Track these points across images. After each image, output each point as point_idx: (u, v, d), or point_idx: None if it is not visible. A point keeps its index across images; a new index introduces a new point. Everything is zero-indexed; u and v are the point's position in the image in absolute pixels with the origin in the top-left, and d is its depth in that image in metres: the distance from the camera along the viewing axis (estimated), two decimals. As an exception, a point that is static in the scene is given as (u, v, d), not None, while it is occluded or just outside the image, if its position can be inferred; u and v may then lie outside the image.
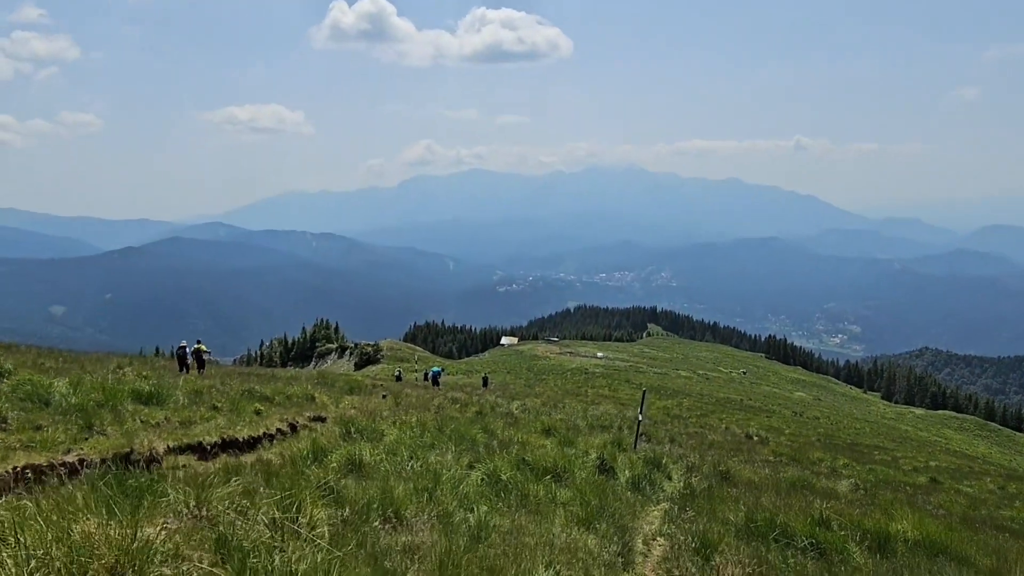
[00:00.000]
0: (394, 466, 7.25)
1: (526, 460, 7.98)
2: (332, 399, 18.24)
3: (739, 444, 26.87)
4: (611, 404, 38.99)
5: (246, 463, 8.25)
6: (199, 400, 11.69)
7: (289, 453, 7.88)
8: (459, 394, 25.92)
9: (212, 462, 8.44)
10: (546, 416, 20.88)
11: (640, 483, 8.68)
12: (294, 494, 4.76)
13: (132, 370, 18.35)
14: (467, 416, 18.33)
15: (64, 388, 9.21)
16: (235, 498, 4.68)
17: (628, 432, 21.05)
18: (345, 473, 7.01)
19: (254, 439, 9.65)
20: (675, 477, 10.65)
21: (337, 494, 5.63)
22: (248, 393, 15.01)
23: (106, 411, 8.89)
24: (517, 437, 11.67)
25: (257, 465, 7.04)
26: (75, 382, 9.58)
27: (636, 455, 11.27)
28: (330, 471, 6.95)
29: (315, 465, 7.19)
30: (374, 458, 7.43)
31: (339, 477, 6.91)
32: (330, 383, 22.58)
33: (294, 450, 7.95)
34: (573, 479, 7.83)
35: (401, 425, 10.96)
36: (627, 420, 26.37)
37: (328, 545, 3.99)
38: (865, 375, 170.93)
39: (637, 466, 9.82)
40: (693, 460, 12.05)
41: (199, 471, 7.19)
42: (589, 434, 16.08)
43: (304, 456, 7.42)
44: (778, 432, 40.18)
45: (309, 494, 5.02)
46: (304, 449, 7.63)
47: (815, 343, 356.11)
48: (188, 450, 8.33)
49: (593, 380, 79.28)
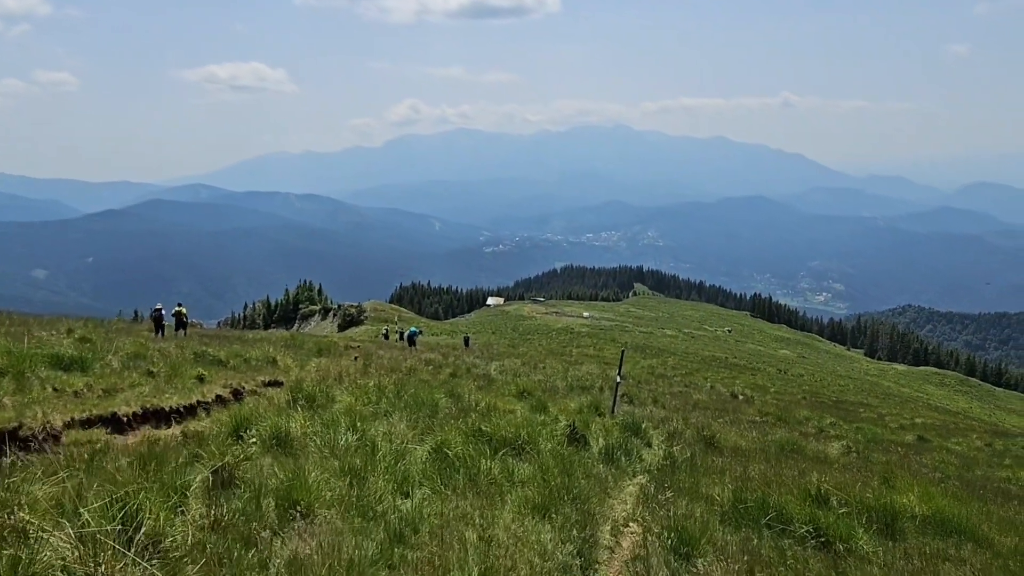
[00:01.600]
0: (327, 440, 6.25)
1: (483, 430, 7.00)
2: (297, 362, 17.21)
3: (725, 404, 26.21)
4: (595, 364, 38.26)
5: (163, 437, 7.24)
6: (133, 365, 10.61)
7: (214, 425, 6.87)
8: (435, 355, 24.98)
9: (128, 436, 7.41)
10: (524, 378, 20.00)
11: (615, 453, 7.75)
12: (145, 495, 3.71)
13: (77, 333, 17.23)
14: (439, 379, 17.38)
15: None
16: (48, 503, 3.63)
17: (609, 393, 20.23)
18: (268, 449, 6.02)
19: (186, 408, 8.61)
20: (655, 444, 9.76)
21: (230, 483, 4.63)
22: (199, 357, 13.96)
23: (8, 379, 7.81)
24: (485, 402, 10.71)
25: (144, 444, 6.01)
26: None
27: (613, 420, 10.35)
28: (249, 447, 5.95)
29: (234, 440, 6.18)
30: (306, 430, 6.43)
31: (260, 454, 5.90)
32: (299, 345, 21.55)
33: (223, 419, 6.93)
34: (537, 452, 6.88)
35: (355, 390, 9.95)
36: (609, 381, 25.59)
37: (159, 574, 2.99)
38: (849, 332, 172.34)
39: (613, 433, 8.90)
40: (676, 424, 11.18)
41: (96, 449, 6.17)
42: (567, 396, 15.18)
43: (225, 430, 6.40)
44: (764, 391, 39.73)
45: (178, 489, 4.01)
46: (227, 421, 6.62)
47: (800, 301, 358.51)
48: (100, 423, 7.29)
49: (578, 340, 78.80)
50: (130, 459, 4.81)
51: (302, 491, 4.49)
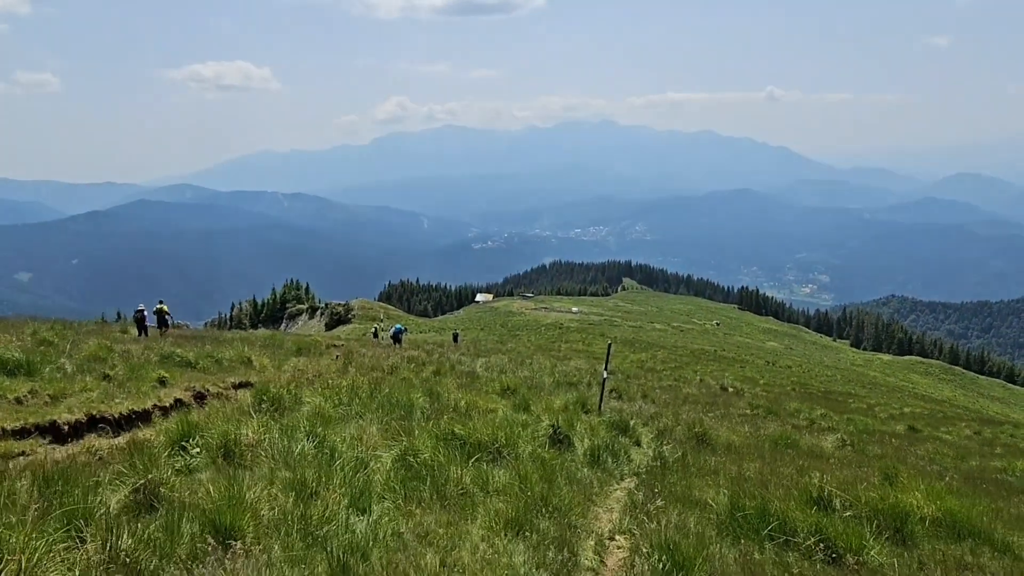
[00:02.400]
0: (282, 448, 5.66)
1: (457, 433, 6.44)
2: (274, 362, 16.59)
3: (715, 397, 25.78)
4: (583, 359, 37.77)
5: (106, 447, 6.62)
6: (89, 369, 9.97)
7: (161, 433, 6.26)
8: (419, 353, 24.38)
9: (68, 446, 6.79)
10: (510, 374, 19.45)
11: (601, 455, 7.21)
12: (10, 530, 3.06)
13: (41, 335, 16.52)
14: (421, 377, 16.80)
15: None
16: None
17: (597, 389, 19.72)
18: (213, 460, 5.43)
19: (137, 414, 8.00)
20: (645, 443, 9.24)
21: (152, 504, 4.05)
22: (166, 358, 13.31)
23: (-60, 385, 7.17)
24: (465, 401, 10.15)
25: (81, 455, 5.41)
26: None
27: (600, 418, 9.82)
28: (192, 459, 5.36)
29: (176, 450, 5.59)
30: (260, 437, 5.84)
31: (204, 466, 5.31)
32: (278, 344, 20.88)
33: (170, 427, 6.32)
34: (516, 456, 6.33)
35: (326, 391, 9.36)
36: (597, 376, 25.09)
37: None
38: (834, 323, 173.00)
39: (599, 433, 8.36)
40: (666, 421, 10.65)
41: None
42: (553, 393, 14.64)
43: (168, 439, 5.80)
44: (753, 383, 39.40)
45: (83, 515, 3.41)
46: (174, 429, 6.02)
47: (786, 293, 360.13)
48: (37, 432, 6.67)
49: (567, 335, 78.39)
50: (33, 479, 4.20)
51: (236, 512, 3.91)
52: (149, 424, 8.03)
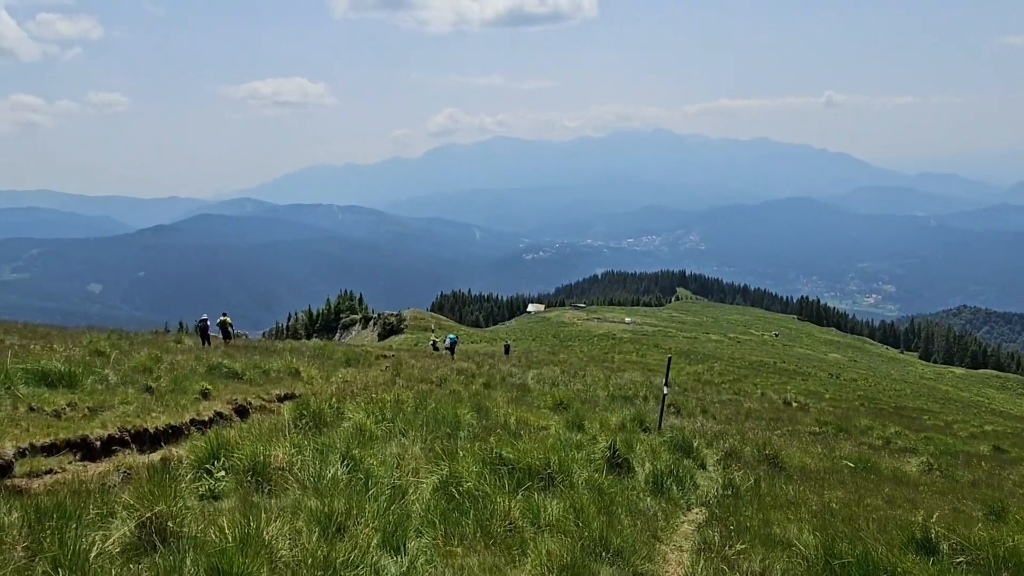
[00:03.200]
0: (314, 472, 5.19)
1: (504, 457, 5.86)
2: (323, 373, 16.34)
3: (778, 412, 24.57)
4: (638, 371, 36.78)
5: (138, 464, 6.26)
6: (133, 380, 9.75)
7: (190, 452, 5.87)
8: (469, 364, 23.91)
9: (100, 463, 6.47)
10: (563, 387, 18.79)
11: (664, 482, 6.53)
12: None
13: (103, 344, 16.63)
14: (471, 390, 16.30)
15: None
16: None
17: (654, 403, 18.87)
18: (240, 484, 4.99)
19: (174, 428, 7.67)
20: (710, 466, 8.48)
21: (160, 540, 3.59)
22: (213, 369, 13.13)
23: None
24: (515, 417, 9.57)
25: (111, 474, 5.01)
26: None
27: (660, 437, 9.10)
28: (218, 482, 4.93)
29: (202, 472, 5.17)
30: (291, 459, 5.38)
31: (230, 491, 4.86)
32: (328, 355, 20.70)
33: (199, 445, 5.93)
34: (571, 483, 5.72)
35: (369, 405, 8.91)
36: (653, 389, 24.20)
37: None
38: (901, 335, 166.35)
39: (661, 455, 7.66)
40: (732, 441, 9.86)
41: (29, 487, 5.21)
42: (608, 408, 13.93)
43: (197, 457, 5.40)
44: (818, 397, 37.68)
45: (79, 555, 2.95)
46: (203, 447, 5.62)
47: (848, 304, 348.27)
48: (68, 448, 6.36)
49: (620, 346, 77.11)
50: (25, 513, 3.79)
51: (250, 553, 3.43)
52: (186, 439, 7.70)
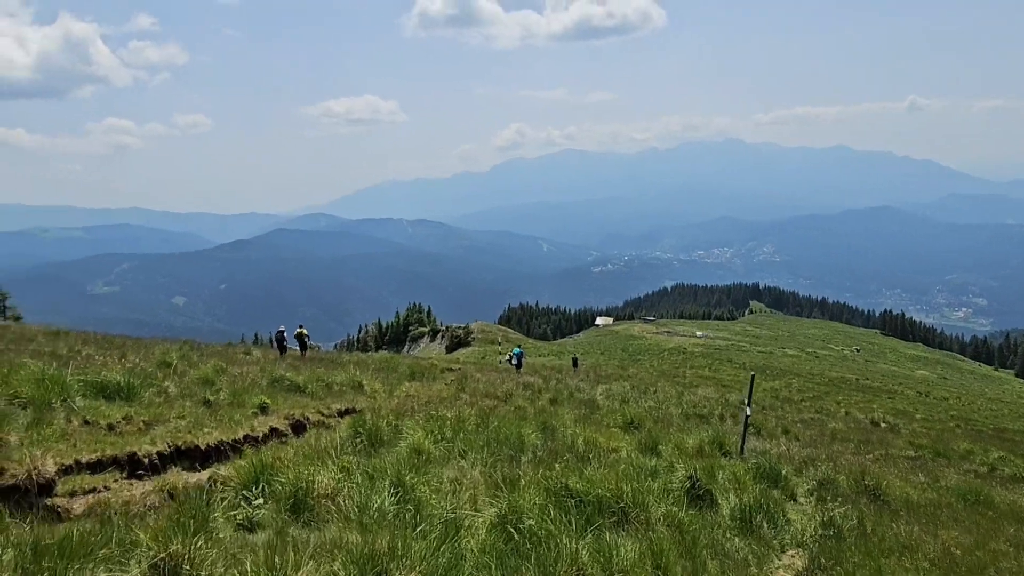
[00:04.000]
0: (360, 501, 4.70)
1: (571, 488, 5.25)
2: (386, 387, 16.05)
3: (867, 433, 22.97)
4: (711, 387, 35.39)
5: (183, 484, 5.93)
6: (191, 393, 9.59)
7: (233, 474, 5.49)
8: (535, 378, 23.32)
9: (146, 482, 6.18)
10: (633, 404, 17.98)
11: (753, 517, 5.78)
12: None
13: (174, 355, 16.82)
14: (537, 406, 15.71)
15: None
16: None
17: (732, 423, 17.83)
18: (281, 512, 4.55)
19: (227, 445, 7.37)
20: (801, 496, 7.63)
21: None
22: (276, 382, 12.97)
23: (29, 411, 6.82)
24: (583, 437, 8.93)
25: (155, 495, 4.65)
26: (6, 373, 7.60)
27: (744, 464, 8.29)
28: (255, 510, 4.50)
29: (241, 497, 4.76)
30: (336, 485, 4.92)
31: (268, 522, 4.41)
32: (393, 368, 20.50)
33: (242, 467, 5.55)
34: (647, 518, 5.06)
35: (429, 423, 8.44)
36: (730, 406, 23.02)
37: None
38: (996, 351, 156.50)
39: (747, 486, 6.88)
40: (824, 469, 8.93)
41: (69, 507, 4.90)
42: (683, 428, 13.09)
43: (241, 480, 5.00)
44: (908, 417, 35.39)
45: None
46: (245, 470, 5.23)
47: (936, 318, 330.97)
48: (114, 465, 6.10)
49: (692, 360, 75.10)
50: (18, 553, 3.40)
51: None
52: (239, 455, 7.39)
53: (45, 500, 5.26)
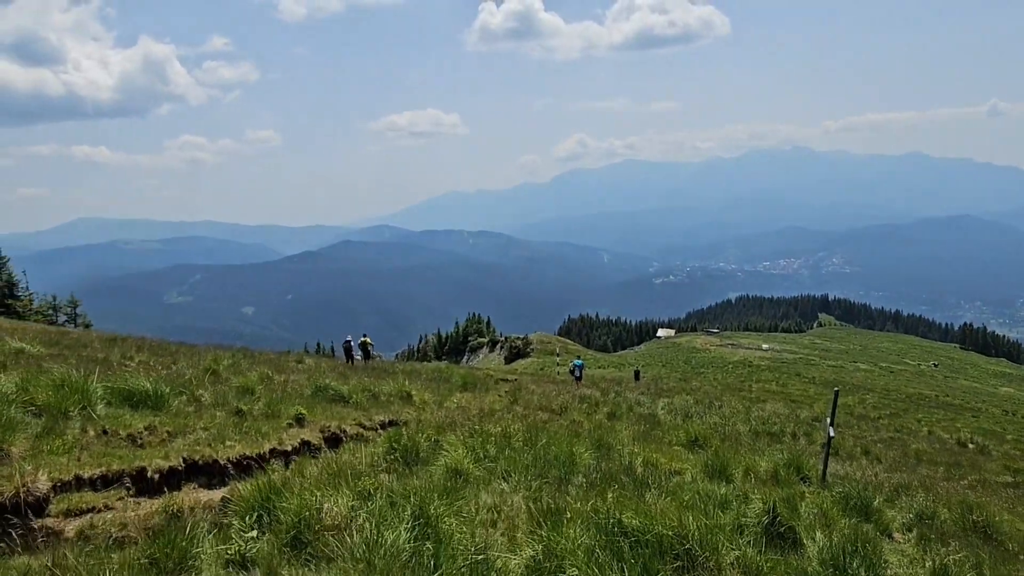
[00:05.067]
0: (369, 536, 3.99)
1: (624, 523, 4.41)
2: (437, 397, 15.42)
3: (954, 456, 21.17)
4: (780, 402, 33.65)
5: (191, 504, 5.36)
6: (225, 402, 9.12)
7: (248, 492, 4.87)
8: (593, 391, 22.37)
9: (157, 499, 5.63)
10: (697, 420, 16.87)
11: (846, 563, 4.82)
12: None
13: (226, 362, 16.63)
14: (594, 420, 14.81)
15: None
16: None
17: (806, 442, 16.53)
18: (278, 547, 3.89)
19: (251, 459, 6.80)
20: (898, 533, 6.57)
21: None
22: (319, 391, 12.49)
23: (44, 418, 6.40)
24: (642, 456, 8.05)
25: (155, 516, 4.05)
26: (25, 379, 7.23)
27: (828, 492, 7.26)
28: (249, 543, 3.84)
29: (247, 524, 4.11)
30: (347, 515, 4.22)
31: (262, 556, 3.75)
32: (445, 378, 19.90)
33: (248, 489, 4.93)
34: (717, 563, 4.19)
35: (471, 439, 7.72)
36: (802, 424, 21.56)
37: None
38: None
39: (834, 519, 5.90)
40: (921, 500, 7.80)
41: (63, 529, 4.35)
42: (753, 448, 11.99)
43: (244, 505, 4.37)
44: (998, 438, 32.82)
45: None
46: (250, 493, 4.60)
47: (1020, 332, 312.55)
48: (122, 481, 5.57)
49: (758, 374, 72.47)
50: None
51: None
52: (262, 472, 6.82)
53: (34, 521, 4.74)
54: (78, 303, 42.22)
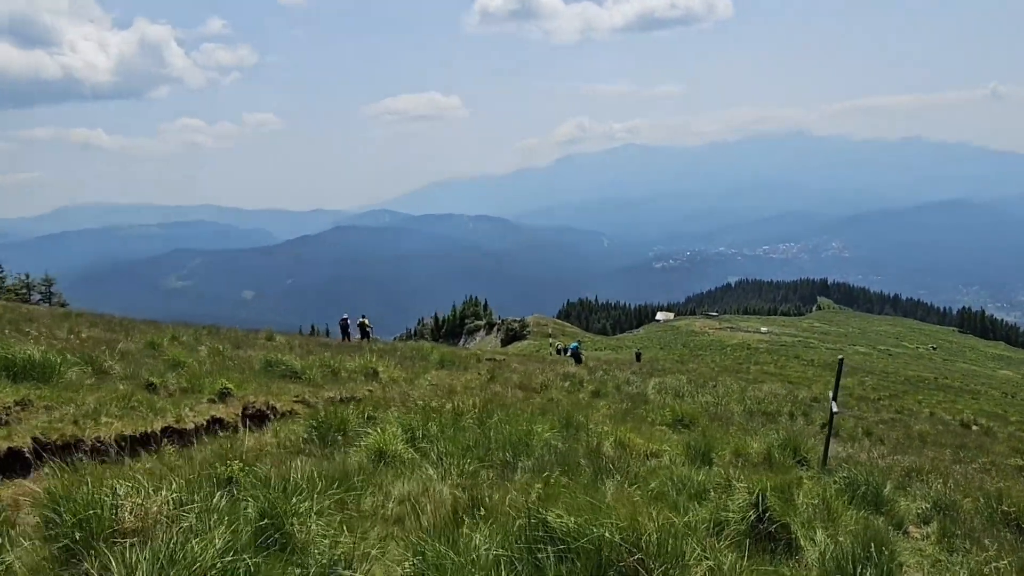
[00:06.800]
0: (177, 545, 2.81)
1: (550, 526, 3.22)
2: (409, 375, 14.28)
3: (959, 437, 20.09)
4: (777, 383, 32.59)
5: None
6: (137, 376, 7.97)
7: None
8: (579, 369, 21.25)
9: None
10: (688, 399, 15.76)
11: (855, 571, 3.69)
12: None
13: (187, 339, 15.52)
14: (576, 397, 13.70)
15: None
16: None
17: (804, 422, 15.43)
18: (53, 556, 2.75)
19: (133, 440, 5.64)
20: (913, 527, 5.43)
21: None
22: (270, 366, 11.35)
23: None
24: (614, 437, 6.92)
25: None
26: None
27: (830, 477, 6.12)
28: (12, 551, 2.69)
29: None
30: (170, 513, 3.07)
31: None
32: (423, 356, 18.79)
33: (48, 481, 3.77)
34: None
35: (410, 415, 6.57)
36: (800, 404, 20.46)
37: None
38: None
39: (838, 512, 4.76)
40: (938, 487, 6.67)
41: None
42: (746, 428, 10.87)
43: (43, 498, 3.22)
44: (1001, 420, 31.79)
45: None
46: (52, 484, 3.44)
47: (1017, 316, 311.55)
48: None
49: (756, 356, 71.50)
50: None
51: None
52: (150, 453, 5.66)
53: None
54: (52, 281, 41.03)
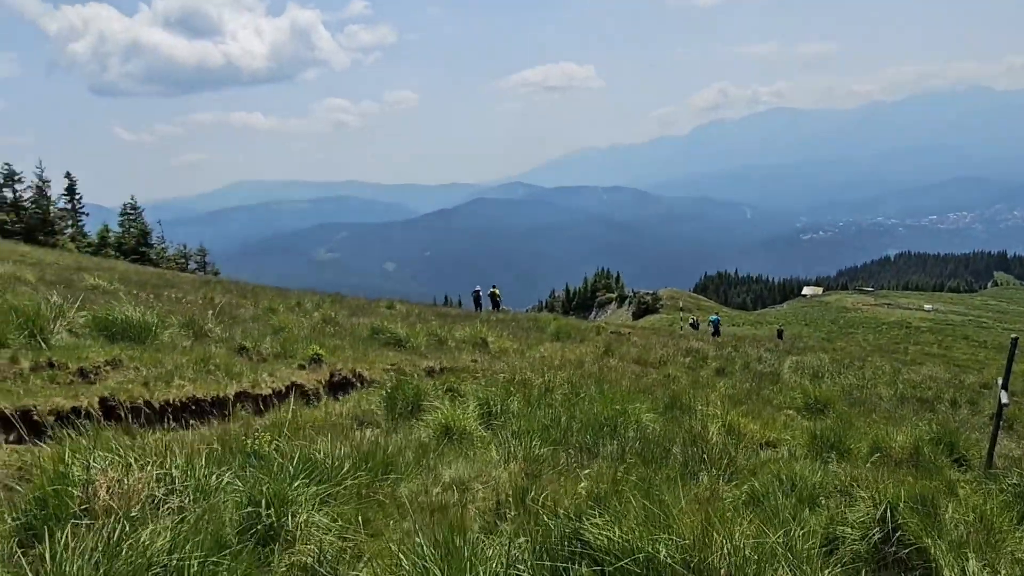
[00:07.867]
0: (118, 536, 2.40)
1: (584, 540, 2.54)
2: (520, 346, 13.83)
3: None
4: (939, 365, 29.30)
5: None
6: (229, 339, 7.99)
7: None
8: (703, 344, 19.96)
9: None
10: (828, 380, 14.22)
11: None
12: None
13: (310, 305, 15.99)
14: (696, 375, 12.68)
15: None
16: None
17: (969, 412, 13.46)
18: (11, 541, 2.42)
19: (205, 403, 5.51)
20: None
21: None
22: (376, 332, 11.24)
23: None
24: (723, 422, 6.04)
25: None
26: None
27: (992, 487, 4.96)
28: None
29: None
30: (150, 493, 2.68)
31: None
32: (540, 327, 18.32)
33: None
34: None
35: (491, 389, 6.05)
36: (965, 390, 18.05)
37: None
38: None
39: (1004, 537, 3.72)
40: None
41: None
42: (893, 416, 9.48)
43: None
44: None
45: None
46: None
47: None
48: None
49: (917, 336, 65.54)
50: None
51: None
52: (225, 419, 5.51)
53: None
54: (206, 252, 44.77)
